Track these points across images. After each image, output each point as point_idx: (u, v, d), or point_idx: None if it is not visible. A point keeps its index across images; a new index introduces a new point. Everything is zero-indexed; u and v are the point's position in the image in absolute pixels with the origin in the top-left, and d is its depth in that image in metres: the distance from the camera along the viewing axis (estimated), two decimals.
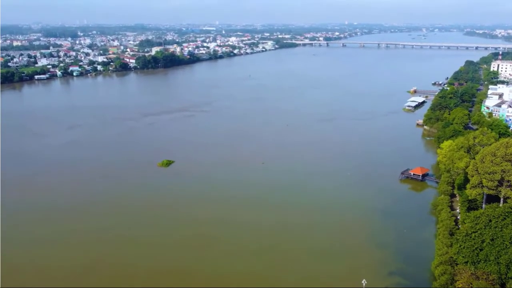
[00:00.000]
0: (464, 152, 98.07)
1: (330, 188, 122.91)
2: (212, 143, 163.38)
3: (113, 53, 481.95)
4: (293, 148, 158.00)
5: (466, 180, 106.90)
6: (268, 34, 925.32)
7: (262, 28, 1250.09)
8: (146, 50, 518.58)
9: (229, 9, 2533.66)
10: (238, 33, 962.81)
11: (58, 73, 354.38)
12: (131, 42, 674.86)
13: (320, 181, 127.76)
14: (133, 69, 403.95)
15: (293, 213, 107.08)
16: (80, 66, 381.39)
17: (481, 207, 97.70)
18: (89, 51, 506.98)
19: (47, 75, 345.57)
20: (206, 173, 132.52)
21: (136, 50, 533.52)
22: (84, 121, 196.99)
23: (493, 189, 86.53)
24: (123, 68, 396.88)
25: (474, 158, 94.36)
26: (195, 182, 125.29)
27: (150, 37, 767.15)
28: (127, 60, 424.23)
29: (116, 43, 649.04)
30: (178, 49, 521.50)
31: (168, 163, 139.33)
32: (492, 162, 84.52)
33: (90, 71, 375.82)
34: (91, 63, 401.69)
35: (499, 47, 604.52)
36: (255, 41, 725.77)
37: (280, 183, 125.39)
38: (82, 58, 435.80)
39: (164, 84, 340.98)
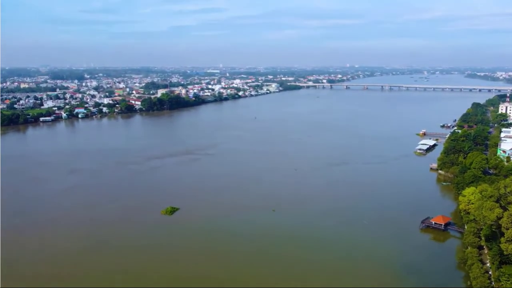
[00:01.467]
0: (494, 201, 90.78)
1: (347, 238, 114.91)
2: (218, 188, 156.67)
3: (119, 95, 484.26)
4: (303, 194, 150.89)
5: (494, 232, 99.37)
6: (271, 77, 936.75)
7: (265, 71, 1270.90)
8: (151, 92, 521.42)
9: (233, 52, 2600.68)
10: (242, 75, 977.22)
11: (64, 115, 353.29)
12: (137, 84, 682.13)
13: (336, 231, 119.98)
14: (138, 111, 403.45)
15: (308, 268, 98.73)
16: (85, 108, 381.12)
17: None
18: (95, 93, 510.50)
19: (52, 117, 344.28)
20: (212, 221, 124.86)
21: (142, 92, 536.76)
22: (86, 164, 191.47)
23: None
24: (129, 110, 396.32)
25: (506, 209, 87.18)
26: (200, 233, 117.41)
27: (155, 80, 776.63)
28: (133, 102, 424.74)
29: (122, 85, 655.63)
30: (183, 91, 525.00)
31: (172, 211, 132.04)
32: None
33: (96, 113, 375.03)
34: (97, 105, 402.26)
35: (504, 89, 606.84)
36: (259, 84, 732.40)
37: (293, 233, 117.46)
38: (88, 100, 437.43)
39: (169, 126, 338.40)
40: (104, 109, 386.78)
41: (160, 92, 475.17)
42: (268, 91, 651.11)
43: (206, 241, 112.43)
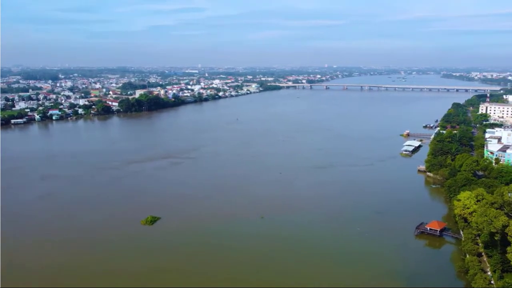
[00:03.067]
0: (496, 208, 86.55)
1: (342, 246, 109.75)
2: (202, 194, 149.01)
3: (95, 96, 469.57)
4: (291, 199, 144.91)
5: (494, 238, 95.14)
6: (251, 77, 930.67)
7: (244, 71, 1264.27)
8: (129, 92, 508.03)
9: (212, 52, 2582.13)
10: (221, 75, 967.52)
11: (37, 116, 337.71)
12: (114, 84, 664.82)
13: (330, 238, 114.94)
14: (116, 112, 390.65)
15: (303, 275, 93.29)
16: (60, 109, 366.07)
17: None
18: (70, 94, 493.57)
19: (24, 119, 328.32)
20: (197, 231, 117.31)
21: (119, 92, 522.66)
22: (60, 170, 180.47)
23: None
24: (106, 111, 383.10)
25: (511, 216, 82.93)
26: (184, 244, 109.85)
27: (132, 80, 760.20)
28: (110, 103, 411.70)
29: (98, 85, 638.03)
30: (162, 91, 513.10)
31: (153, 220, 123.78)
32: None
33: (71, 114, 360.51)
34: (72, 106, 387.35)
35: (480, 89, 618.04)
36: (239, 84, 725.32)
37: (284, 240, 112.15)
38: (63, 101, 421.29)
39: (149, 128, 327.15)
40: (80, 111, 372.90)
41: (138, 93, 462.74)
42: (248, 92, 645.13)
43: (190, 252, 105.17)
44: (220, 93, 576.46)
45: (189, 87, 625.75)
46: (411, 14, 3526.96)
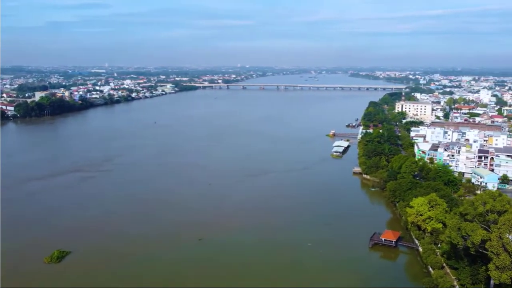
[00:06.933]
0: (470, 220, 78.01)
1: (294, 268, 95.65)
2: (122, 216, 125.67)
3: None
4: (229, 214, 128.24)
5: (456, 249, 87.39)
6: (164, 77, 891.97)
7: (156, 71, 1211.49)
8: (27, 95, 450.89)
9: (119, 51, 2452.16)
10: (132, 75, 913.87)
11: None
12: (8, 86, 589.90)
13: (278, 258, 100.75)
14: (11, 118, 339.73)
15: None
16: None
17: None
18: None
19: None
20: (118, 268, 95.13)
21: (15, 95, 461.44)
22: None
23: None
24: None
25: (488, 230, 74.58)
26: (102, 285, 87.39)
27: (30, 81, 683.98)
28: (4, 107, 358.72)
29: None
30: (66, 93, 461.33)
31: (61, 256, 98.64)
32: None
33: None
34: None
35: (388, 88, 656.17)
36: (153, 84, 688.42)
37: (230, 266, 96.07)
38: None
39: (52, 136, 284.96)
40: None
41: (38, 95, 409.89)
42: (163, 92, 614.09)
43: None
44: (133, 94, 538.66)
45: (97, 88, 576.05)
46: (317, 16, 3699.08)
